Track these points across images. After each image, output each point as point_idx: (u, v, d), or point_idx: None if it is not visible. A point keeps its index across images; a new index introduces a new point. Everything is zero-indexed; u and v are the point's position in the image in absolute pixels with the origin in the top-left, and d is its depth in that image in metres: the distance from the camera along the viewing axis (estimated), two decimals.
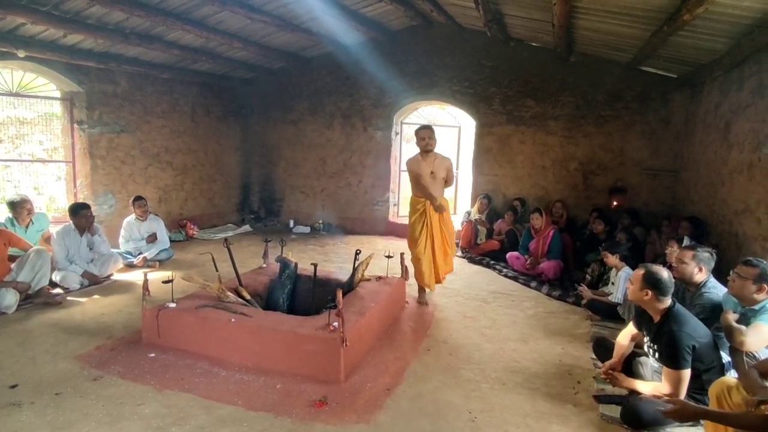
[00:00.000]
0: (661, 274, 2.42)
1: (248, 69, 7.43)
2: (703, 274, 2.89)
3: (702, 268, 2.88)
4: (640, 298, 2.46)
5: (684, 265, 2.89)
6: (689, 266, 2.88)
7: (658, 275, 2.41)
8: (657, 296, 2.41)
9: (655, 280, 2.40)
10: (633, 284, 2.52)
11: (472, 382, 2.87)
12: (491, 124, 6.87)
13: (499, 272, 5.50)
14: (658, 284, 2.40)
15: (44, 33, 4.89)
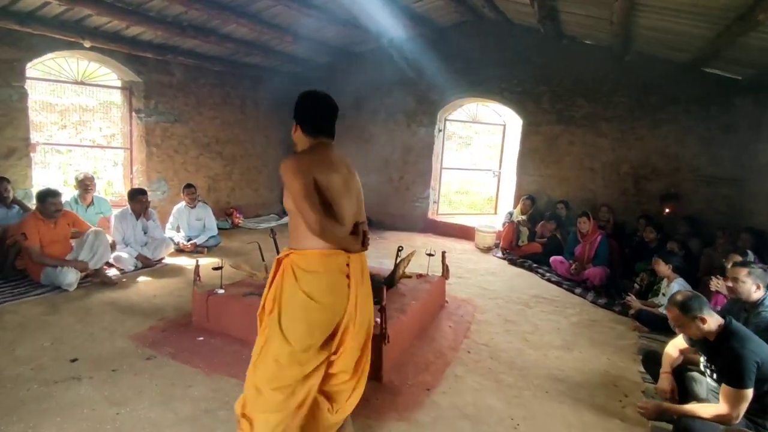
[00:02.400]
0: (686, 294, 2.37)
1: (297, 63, 7.54)
2: (762, 291, 2.73)
3: (759, 285, 2.72)
4: (695, 333, 2.36)
5: (741, 283, 2.74)
6: (746, 284, 2.72)
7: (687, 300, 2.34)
8: (703, 316, 2.30)
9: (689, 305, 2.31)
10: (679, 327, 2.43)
11: (513, 388, 2.82)
12: (539, 123, 6.69)
13: (542, 276, 5.37)
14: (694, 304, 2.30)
15: (108, 24, 5.13)
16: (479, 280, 5.10)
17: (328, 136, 2.03)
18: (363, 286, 2.04)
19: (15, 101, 4.79)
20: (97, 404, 2.44)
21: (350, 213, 1.95)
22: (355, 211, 1.98)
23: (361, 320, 2.01)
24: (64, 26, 4.86)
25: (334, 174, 1.89)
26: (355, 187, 2.01)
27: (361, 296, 2.02)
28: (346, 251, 1.94)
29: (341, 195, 1.90)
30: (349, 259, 1.95)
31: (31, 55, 4.88)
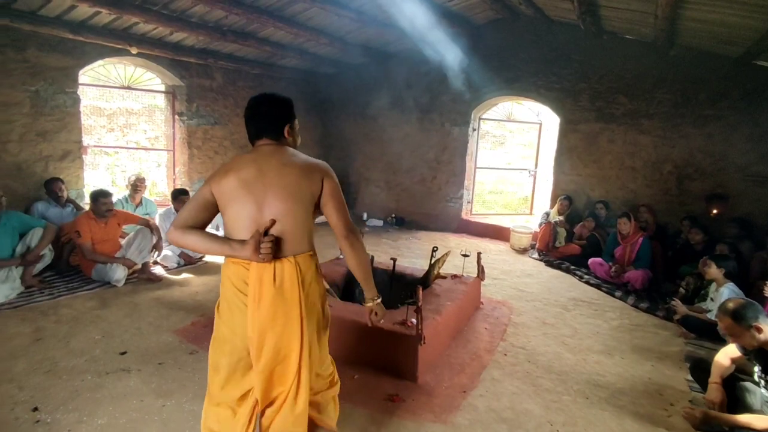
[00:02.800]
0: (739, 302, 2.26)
1: (331, 64, 7.63)
2: None
3: None
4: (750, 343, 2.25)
5: None
6: None
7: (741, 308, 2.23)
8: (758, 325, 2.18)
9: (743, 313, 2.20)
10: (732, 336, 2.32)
11: (552, 393, 2.77)
12: (577, 121, 6.51)
13: (580, 278, 5.23)
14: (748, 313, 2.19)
15: (154, 31, 5.36)
16: (515, 281, 5.02)
17: (264, 137, 1.79)
18: (271, 309, 1.67)
19: (69, 106, 5.07)
20: (145, 396, 2.55)
21: (242, 218, 1.68)
22: (255, 216, 1.68)
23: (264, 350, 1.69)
24: (113, 34, 5.11)
25: (228, 178, 1.69)
26: (266, 187, 1.68)
27: (261, 320, 1.67)
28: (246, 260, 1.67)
29: (232, 199, 1.69)
30: (244, 274, 1.68)
31: (83, 63, 5.16)
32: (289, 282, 1.68)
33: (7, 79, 4.57)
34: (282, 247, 1.69)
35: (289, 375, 1.71)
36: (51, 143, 4.96)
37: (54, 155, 5.00)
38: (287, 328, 1.69)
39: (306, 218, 1.72)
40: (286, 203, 1.68)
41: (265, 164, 1.71)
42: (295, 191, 1.69)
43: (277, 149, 1.77)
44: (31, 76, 4.74)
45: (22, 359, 2.87)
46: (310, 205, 1.73)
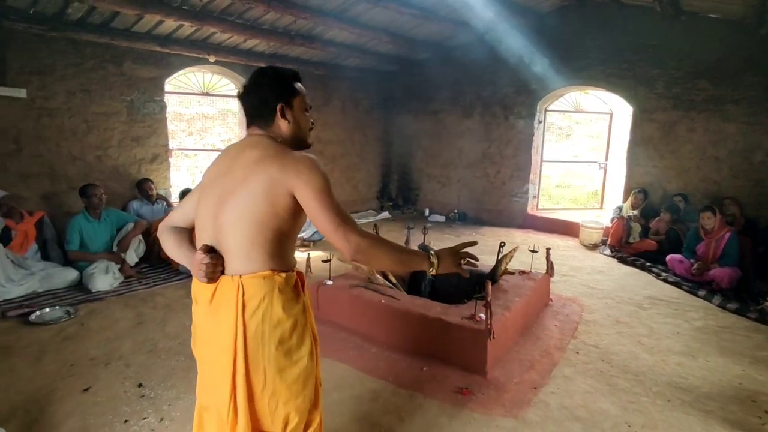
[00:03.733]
0: None
1: (393, 62, 7.72)
2: None
3: None
4: None
5: None
6: None
7: None
8: None
9: None
10: None
11: (629, 393, 2.68)
12: (652, 109, 6.13)
13: (657, 276, 4.95)
14: None
15: (229, 40, 5.72)
16: (586, 278, 4.85)
17: (253, 125, 1.47)
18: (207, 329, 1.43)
19: (157, 113, 5.56)
20: None
21: (201, 219, 1.44)
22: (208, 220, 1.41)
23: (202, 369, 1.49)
24: (194, 45, 5.53)
25: (207, 171, 1.51)
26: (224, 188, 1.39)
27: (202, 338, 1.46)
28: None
29: (200, 198, 1.47)
30: (196, 286, 1.45)
31: (168, 72, 5.63)
32: (225, 307, 1.36)
33: (108, 91, 5.11)
34: (227, 264, 1.38)
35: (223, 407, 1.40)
36: (143, 147, 5.47)
37: (145, 158, 5.51)
38: (219, 359, 1.39)
39: (260, 232, 1.35)
40: (236, 212, 1.35)
41: (233, 161, 1.41)
42: (248, 201, 1.34)
43: (256, 143, 1.41)
44: (127, 87, 5.26)
45: (128, 340, 3.22)
46: (268, 217, 1.35)
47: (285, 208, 1.36)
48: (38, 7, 4.31)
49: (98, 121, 5.09)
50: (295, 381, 1.41)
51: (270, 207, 1.34)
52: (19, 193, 4.54)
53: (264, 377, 1.38)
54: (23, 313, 3.57)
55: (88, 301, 3.89)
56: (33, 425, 2.29)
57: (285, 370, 1.40)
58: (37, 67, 4.63)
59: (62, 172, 4.90)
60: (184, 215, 1.55)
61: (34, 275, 4.08)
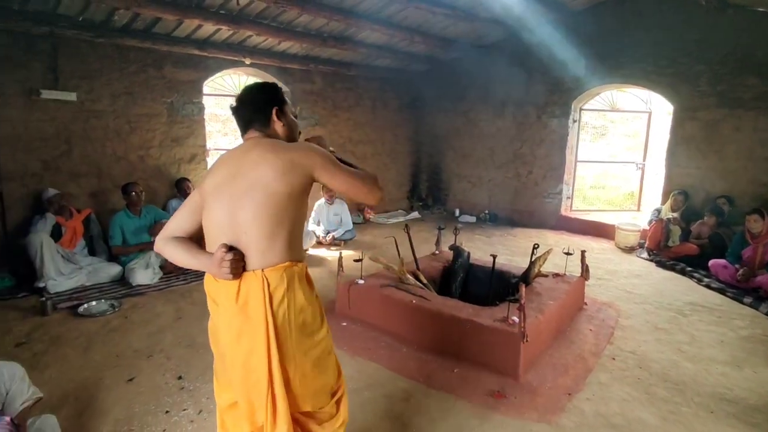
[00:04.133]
0: None
1: (424, 61, 7.71)
2: None
3: None
4: None
5: None
6: None
7: None
8: None
9: None
10: None
11: (669, 403, 2.59)
12: (695, 107, 5.88)
13: (698, 281, 4.76)
14: None
15: (264, 42, 5.85)
16: (622, 282, 4.71)
17: (251, 129, 1.60)
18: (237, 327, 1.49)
19: (195, 115, 5.75)
20: None
21: (213, 227, 1.52)
22: (223, 224, 1.49)
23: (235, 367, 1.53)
24: (231, 48, 5.68)
25: (207, 180, 1.56)
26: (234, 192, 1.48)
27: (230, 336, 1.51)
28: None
29: (206, 205, 1.54)
30: (216, 287, 1.51)
31: (206, 75, 5.81)
32: (254, 300, 1.45)
33: (150, 93, 5.32)
34: (248, 260, 1.46)
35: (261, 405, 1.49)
36: (182, 147, 5.67)
37: (184, 158, 5.71)
38: (253, 352, 1.47)
39: (278, 224, 1.46)
40: (252, 209, 1.45)
41: (239, 164, 1.50)
42: (263, 195, 1.44)
43: (258, 143, 1.53)
44: (168, 89, 5.46)
45: (169, 333, 3.36)
46: (286, 208, 1.47)
47: (302, 191, 1.50)
48: (87, 14, 4.53)
49: (140, 123, 5.31)
50: (319, 358, 1.57)
51: (287, 194, 1.46)
52: (69, 191, 4.80)
53: (294, 361, 1.49)
54: (72, 305, 3.78)
55: (131, 295, 4.07)
56: (83, 412, 2.42)
57: (310, 351, 1.54)
58: (86, 71, 4.86)
59: (108, 171, 5.13)
60: (181, 226, 1.60)
61: (82, 269, 4.30)
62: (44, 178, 4.69)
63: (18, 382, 1.88)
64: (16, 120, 4.49)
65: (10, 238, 4.46)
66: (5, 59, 4.39)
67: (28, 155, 4.60)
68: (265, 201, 1.44)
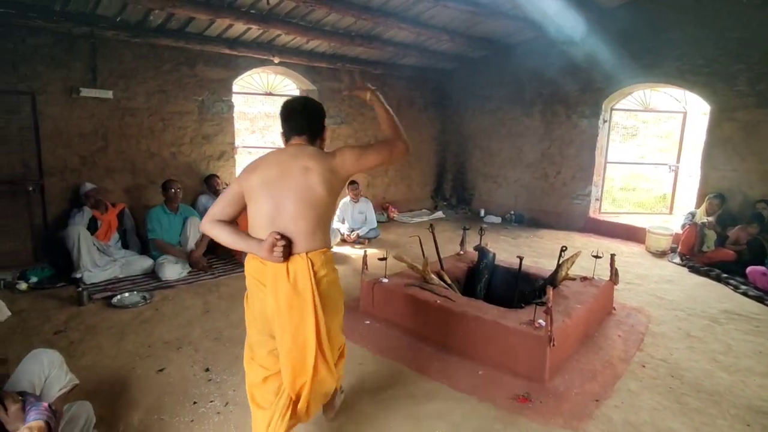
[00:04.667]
0: None
1: (451, 60, 7.66)
2: None
3: None
4: None
5: None
6: None
7: None
8: None
9: None
10: None
11: (702, 414, 2.51)
12: (733, 108, 5.66)
13: (735, 288, 4.58)
14: None
15: (292, 41, 5.92)
16: (653, 287, 4.58)
17: (296, 135, 1.91)
18: (287, 301, 1.77)
19: (225, 113, 5.86)
20: None
21: (261, 217, 1.79)
22: (272, 215, 1.77)
23: (284, 340, 1.81)
24: (260, 47, 5.77)
25: (253, 176, 1.81)
26: (282, 189, 1.78)
27: (279, 311, 1.78)
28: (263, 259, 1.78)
29: (253, 197, 1.81)
30: (263, 269, 1.79)
31: (236, 74, 5.91)
32: (302, 278, 1.77)
33: (182, 91, 5.46)
34: (295, 246, 1.77)
35: (308, 363, 1.82)
36: (212, 145, 5.80)
37: (213, 155, 5.84)
38: (303, 320, 1.79)
39: (320, 219, 1.81)
40: (300, 206, 1.77)
41: (288, 166, 1.79)
42: (310, 196, 1.77)
43: (304, 150, 1.84)
44: (199, 87, 5.58)
45: (197, 326, 3.44)
46: (327, 205, 1.83)
47: (337, 192, 1.87)
48: (124, 15, 4.68)
49: (173, 120, 5.45)
50: (341, 320, 2.03)
51: (328, 196, 1.81)
52: (105, 186, 4.97)
53: (327, 325, 1.84)
54: (106, 296, 3.91)
55: (161, 288, 4.19)
56: (116, 400, 2.51)
57: (338, 314, 1.97)
58: (122, 70, 5.02)
59: (141, 167, 5.29)
60: (225, 212, 1.87)
61: (116, 262, 4.45)
62: (82, 173, 4.88)
63: (56, 369, 1.95)
64: (57, 117, 4.68)
65: (51, 230, 4.65)
66: (49, 59, 4.58)
67: (67, 151, 4.79)
68: (312, 201, 1.78)
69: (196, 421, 2.35)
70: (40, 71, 4.54)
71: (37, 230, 4.63)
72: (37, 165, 4.54)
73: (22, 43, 4.43)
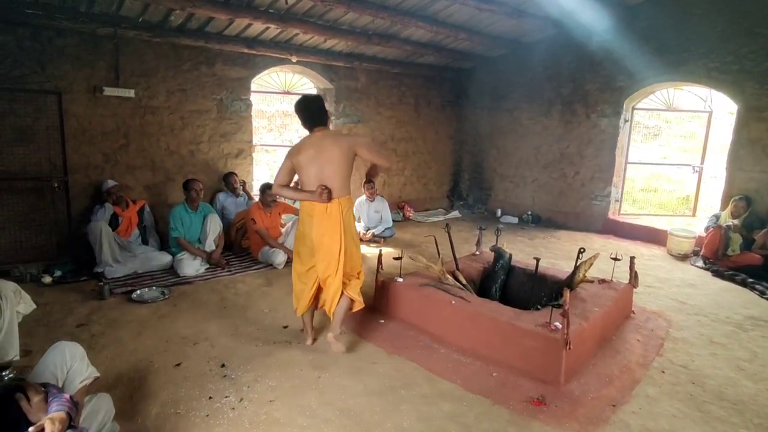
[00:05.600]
0: None
1: (468, 59, 7.60)
2: None
3: None
4: None
5: None
6: None
7: None
8: None
9: None
10: None
11: (725, 423, 2.44)
12: (763, 107, 5.48)
13: (761, 294, 4.44)
14: None
15: (310, 40, 5.95)
16: (674, 291, 4.47)
17: (317, 125, 2.98)
18: (325, 226, 2.89)
19: (243, 111, 5.93)
20: (304, 366, 2.90)
21: (310, 178, 2.92)
22: (318, 176, 2.89)
23: (322, 248, 2.94)
24: (278, 46, 5.82)
25: (300, 155, 2.91)
26: (321, 160, 2.87)
27: (320, 231, 2.91)
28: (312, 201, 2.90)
29: (302, 168, 2.93)
30: (312, 207, 2.91)
31: (254, 73, 5.97)
32: (335, 212, 2.90)
33: (201, 90, 5.54)
34: (333, 194, 2.88)
35: (333, 263, 2.94)
36: (230, 143, 5.87)
37: (231, 153, 5.91)
38: (333, 237, 2.90)
39: (346, 177, 2.92)
40: (333, 168, 2.88)
41: (321, 145, 2.88)
42: (338, 161, 2.87)
43: (326, 134, 2.97)
44: (218, 86, 5.66)
45: (213, 322, 3.49)
46: (348, 168, 2.93)
47: (352, 161, 2.94)
48: (146, 16, 4.77)
49: (192, 118, 5.53)
50: (355, 246, 3.06)
51: (348, 164, 2.92)
52: (126, 183, 5.08)
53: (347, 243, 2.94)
54: (126, 291, 4.00)
55: (179, 284, 4.26)
56: (135, 393, 2.56)
57: (352, 240, 3.02)
58: (144, 69, 5.12)
59: (161, 164, 5.39)
60: (285, 179, 3.00)
61: (136, 257, 4.55)
62: (105, 171, 4.99)
63: (78, 361, 1.99)
64: (81, 115, 4.80)
65: (74, 225, 4.77)
66: (74, 58, 4.70)
67: (91, 148, 4.91)
68: (340, 165, 2.88)
69: (212, 416, 2.38)
70: (65, 71, 4.66)
71: (62, 225, 4.76)
72: (62, 162, 4.66)
73: (49, 43, 4.56)
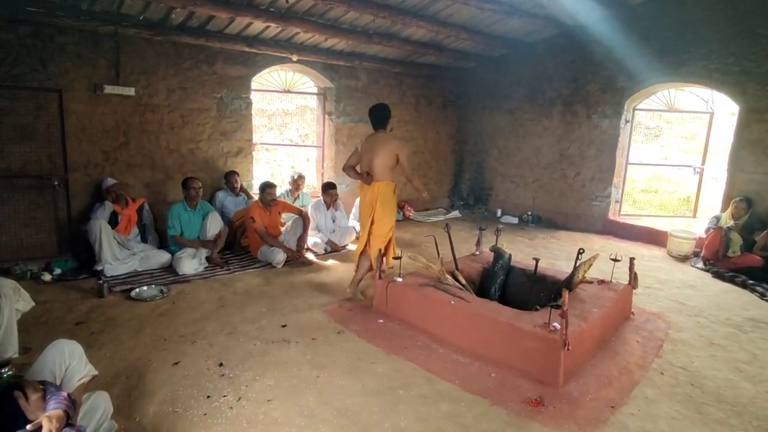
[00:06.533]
0: None
1: (469, 59, 7.58)
2: None
3: None
4: None
5: None
6: None
7: None
8: None
9: None
10: None
11: (724, 425, 2.43)
12: (763, 109, 5.47)
13: (761, 296, 4.44)
14: None
15: (310, 39, 5.94)
16: (674, 292, 4.47)
17: (378, 128, 4.02)
18: (375, 201, 3.91)
19: (243, 110, 5.92)
20: (302, 366, 2.90)
21: (364, 165, 3.97)
22: (367, 164, 3.93)
23: (364, 212, 4.04)
24: (279, 44, 5.81)
25: (363, 147, 3.99)
26: (372, 153, 3.87)
27: (364, 202, 4.01)
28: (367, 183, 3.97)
29: (361, 157, 3.98)
30: (364, 188, 3.99)
31: (254, 71, 5.96)
32: (373, 190, 3.92)
33: (201, 88, 5.53)
34: (375, 178, 3.90)
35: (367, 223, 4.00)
36: (230, 141, 5.86)
37: (231, 151, 5.90)
38: (370, 205, 3.94)
39: (386, 167, 3.87)
40: (378, 161, 3.85)
41: (376, 144, 3.88)
42: (382, 156, 3.84)
43: (383, 136, 3.95)
44: (218, 85, 5.65)
45: (211, 321, 3.49)
46: (390, 162, 3.86)
47: (396, 157, 3.88)
48: (147, 13, 4.75)
49: (192, 116, 5.52)
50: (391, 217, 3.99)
51: (390, 159, 3.86)
52: (126, 181, 5.07)
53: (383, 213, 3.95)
54: (126, 289, 4.00)
55: (178, 282, 4.26)
56: (132, 391, 2.56)
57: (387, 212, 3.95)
58: (144, 67, 5.11)
59: (161, 162, 5.39)
60: (352, 164, 4.08)
61: (135, 255, 4.54)
62: (104, 169, 4.99)
63: (77, 359, 1.99)
64: (81, 113, 4.79)
65: (74, 223, 4.77)
66: (75, 57, 4.69)
67: (91, 146, 4.90)
68: (383, 159, 3.84)
69: (209, 415, 2.37)
70: (66, 69, 4.65)
71: (62, 223, 4.76)
72: (62, 160, 4.65)
73: (50, 41, 4.55)
